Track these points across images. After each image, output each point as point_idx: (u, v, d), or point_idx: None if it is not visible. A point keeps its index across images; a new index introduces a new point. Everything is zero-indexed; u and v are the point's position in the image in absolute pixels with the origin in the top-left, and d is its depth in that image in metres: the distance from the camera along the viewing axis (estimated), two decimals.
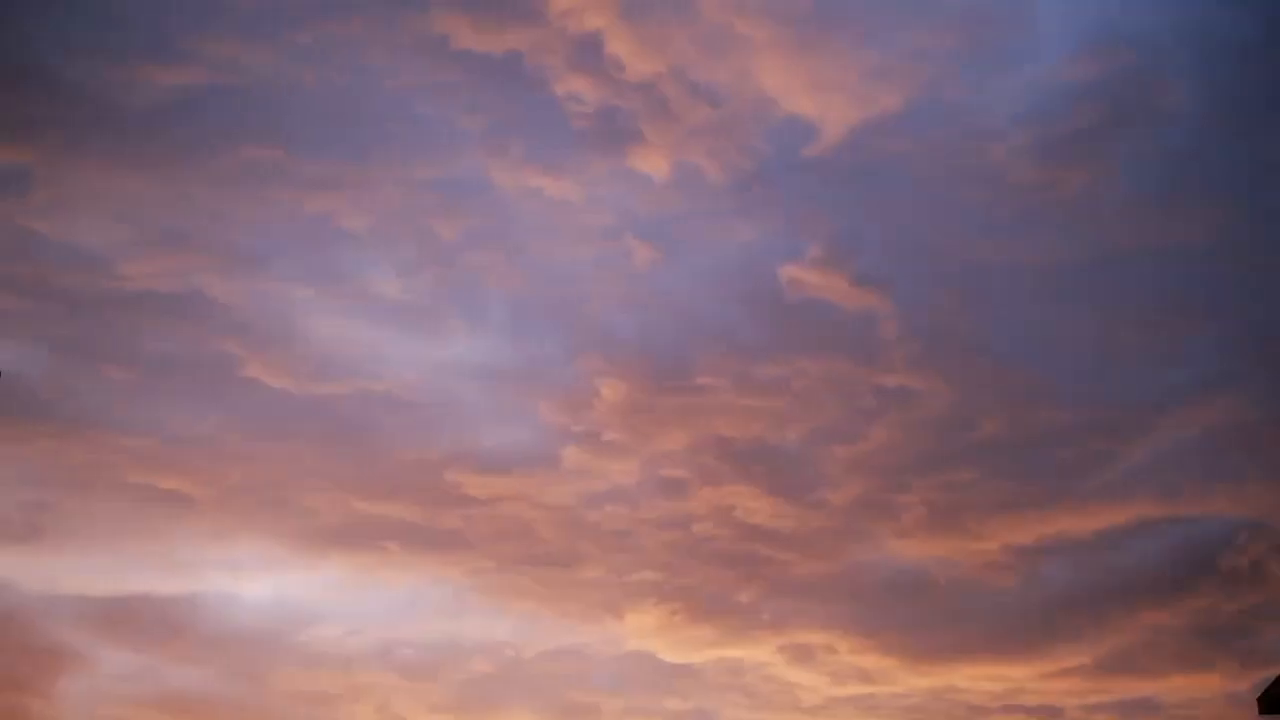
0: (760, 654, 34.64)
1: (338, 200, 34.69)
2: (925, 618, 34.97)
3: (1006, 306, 35.68)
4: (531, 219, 35.89)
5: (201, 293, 34.31)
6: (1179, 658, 33.38)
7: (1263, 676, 18.05)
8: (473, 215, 35.71)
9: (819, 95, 34.43)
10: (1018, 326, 35.56)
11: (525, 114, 35.07)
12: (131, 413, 34.08)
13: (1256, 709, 17.81)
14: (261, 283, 34.95)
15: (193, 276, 34.26)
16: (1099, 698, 33.40)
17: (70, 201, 33.45)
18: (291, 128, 34.43)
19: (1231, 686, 32.24)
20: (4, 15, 31.86)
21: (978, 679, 33.93)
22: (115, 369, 34.21)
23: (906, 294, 35.43)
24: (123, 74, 32.63)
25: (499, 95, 34.70)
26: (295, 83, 33.88)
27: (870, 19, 34.18)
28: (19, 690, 31.48)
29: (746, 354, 35.37)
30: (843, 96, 34.38)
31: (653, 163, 34.91)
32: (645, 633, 34.92)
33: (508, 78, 34.22)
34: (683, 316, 35.82)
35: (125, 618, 33.33)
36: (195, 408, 34.73)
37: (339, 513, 34.76)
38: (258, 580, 34.65)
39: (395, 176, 35.02)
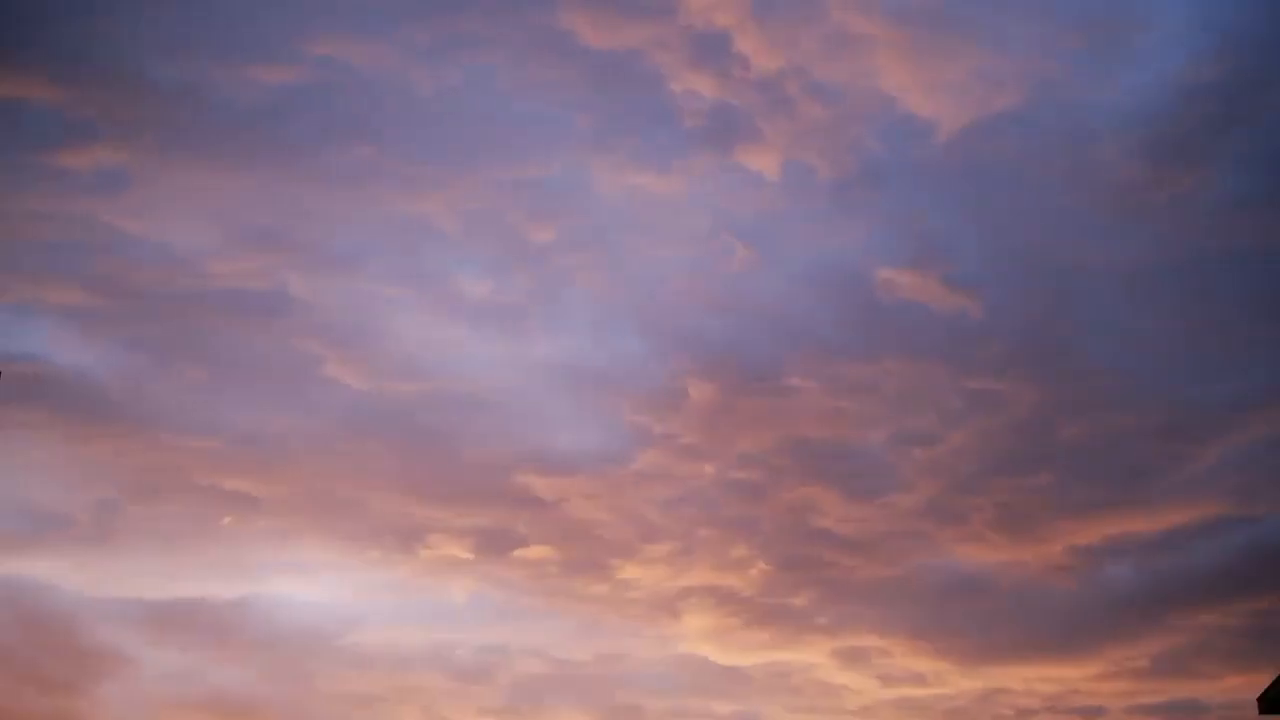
0: (812, 657, 34.58)
1: (432, 200, 34.80)
2: (983, 620, 34.82)
3: (1097, 309, 35.22)
4: (628, 219, 35.89)
5: (286, 292, 34.49)
6: (1232, 659, 33.04)
7: None
8: (568, 215, 35.73)
9: (935, 95, 34.36)
10: (1106, 329, 35.11)
11: (635, 112, 35.17)
12: (204, 414, 34.22)
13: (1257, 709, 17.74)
14: (349, 282, 35.14)
15: (279, 275, 34.45)
16: (1148, 699, 33.11)
17: (163, 201, 33.79)
18: (391, 127, 34.66)
19: None
20: (104, 18, 32.19)
21: (1031, 680, 33.83)
22: (192, 369, 34.55)
23: (998, 297, 35.15)
24: (224, 74, 33.21)
25: (610, 93, 34.81)
26: (401, 82, 34.17)
27: (990, 20, 33.81)
28: (66, 692, 31.60)
29: (837, 355, 35.25)
30: (958, 97, 34.28)
31: (764, 161, 34.94)
32: (700, 636, 34.89)
33: (622, 75, 34.28)
34: (775, 317, 35.66)
35: (176, 620, 33.40)
36: (271, 407, 34.86)
37: (401, 515, 34.86)
38: (311, 582, 34.74)
39: (492, 177, 35.20)
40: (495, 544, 34.76)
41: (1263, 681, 17.59)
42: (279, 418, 34.48)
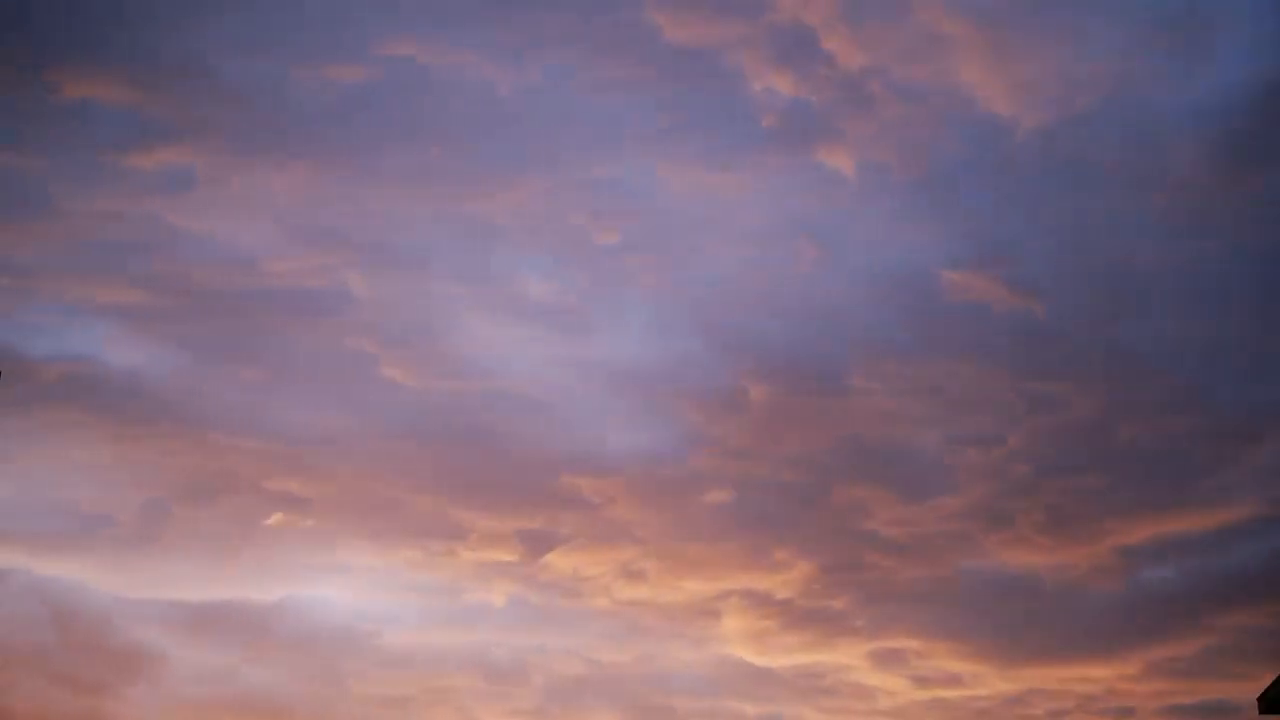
0: (847, 658, 34.49)
1: (498, 200, 34.95)
2: (1023, 622, 34.63)
3: (1161, 311, 34.83)
4: (694, 218, 35.87)
5: (346, 291, 34.68)
6: (1268, 660, 32.44)
7: None
8: (633, 215, 35.68)
9: (1014, 96, 34.25)
10: (1169, 331, 34.71)
11: (710, 109, 35.12)
12: (255, 414, 34.25)
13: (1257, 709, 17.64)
14: (410, 282, 35.24)
15: (338, 274, 34.67)
16: (1181, 699, 32.92)
17: (227, 201, 33.99)
18: (462, 127, 34.82)
19: None
20: (177, 20, 32.69)
21: (1067, 681, 33.74)
22: (246, 369, 34.68)
23: (1062, 299, 35.00)
24: (295, 75, 33.57)
25: (686, 90, 34.76)
26: (477, 81, 34.36)
27: (1073, 21, 33.78)
28: (99, 693, 31.76)
29: (899, 356, 35.05)
30: (1037, 98, 34.16)
31: (840, 160, 34.90)
32: (737, 637, 34.85)
33: (700, 73, 34.24)
34: (838, 318, 35.41)
35: (213, 621, 33.53)
36: (323, 408, 34.90)
37: (444, 516, 34.86)
38: (350, 583, 34.76)
39: (560, 176, 35.25)
40: (538, 545, 34.74)
41: None
42: (331, 418, 34.62)
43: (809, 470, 35.28)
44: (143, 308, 33.38)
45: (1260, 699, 17.51)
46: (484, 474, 34.80)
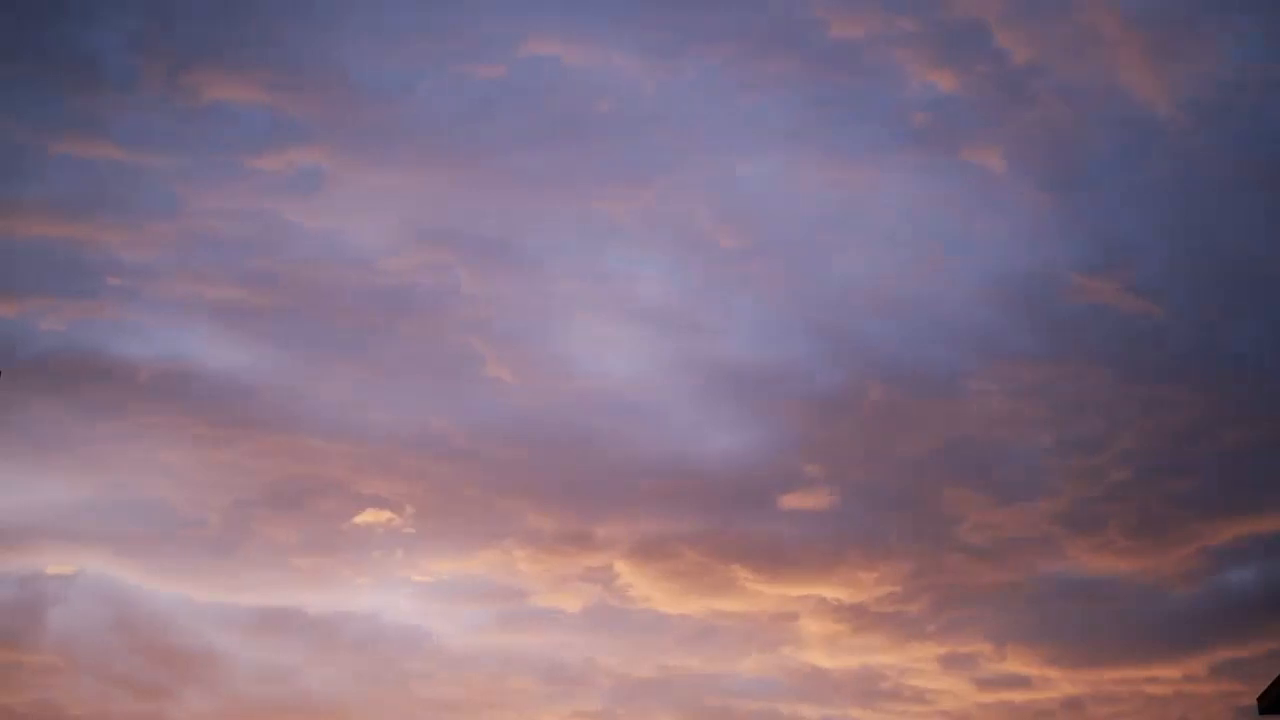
0: (914, 662, 34.17)
1: (622, 200, 35.19)
2: (1098, 624, 34.23)
3: (1274, 313, 34.23)
4: (821, 220, 35.74)
5: (457, 290, 34.96)
6: None
7: None
8: (758, 215, 35.67)
9: (1167, 96, 34.01)
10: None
11: (859, 107, 34.92)
12: (351, 416, 34.44)
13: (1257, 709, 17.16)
14: (525, 281, 35.36)
15: (450, 273, 34.94)
16: (1245, 700, 31.37)
17: (349, 200, 34.44)
18: (598, 127, 34.98)
19: None
20: (314, 22, 33.46)
21: (1134, 682, 33.34)
22: (348, 369, 34.76)
23: (1181, 302, 34.58)
24: (430, 76, 34.21)
25: (838, 88, 34.64)
26: (621, 80, 34.56)
27: (1233, 21, 33.53)
28: (158, 697, 32.07)
29: (1017, 359, 34.69)
30: (1188, 98, 33.79)
31: (989, 159, 34.78)
32: (808, 643, 34.61)
33: (857, 71, 34.10)
34: (959, 320, 35.11)
35: (283, 625, 33.71)
36: (423, 408, 35.00)
37: (527, 518, 34.87)
38: (423, 585, 34.74)
39: (689, 176, 35.33)
40: (620, 548, 34.69)
41: None
42: (428, 418, 34.73)
43: (909, 474, 35.09)
44: (248, 307, 33.81)
45: (1260, 699, 17.34)
46: (573, 476, 34.80)
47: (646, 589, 34.48)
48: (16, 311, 32.87)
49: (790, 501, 34.54)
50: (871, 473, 35.03)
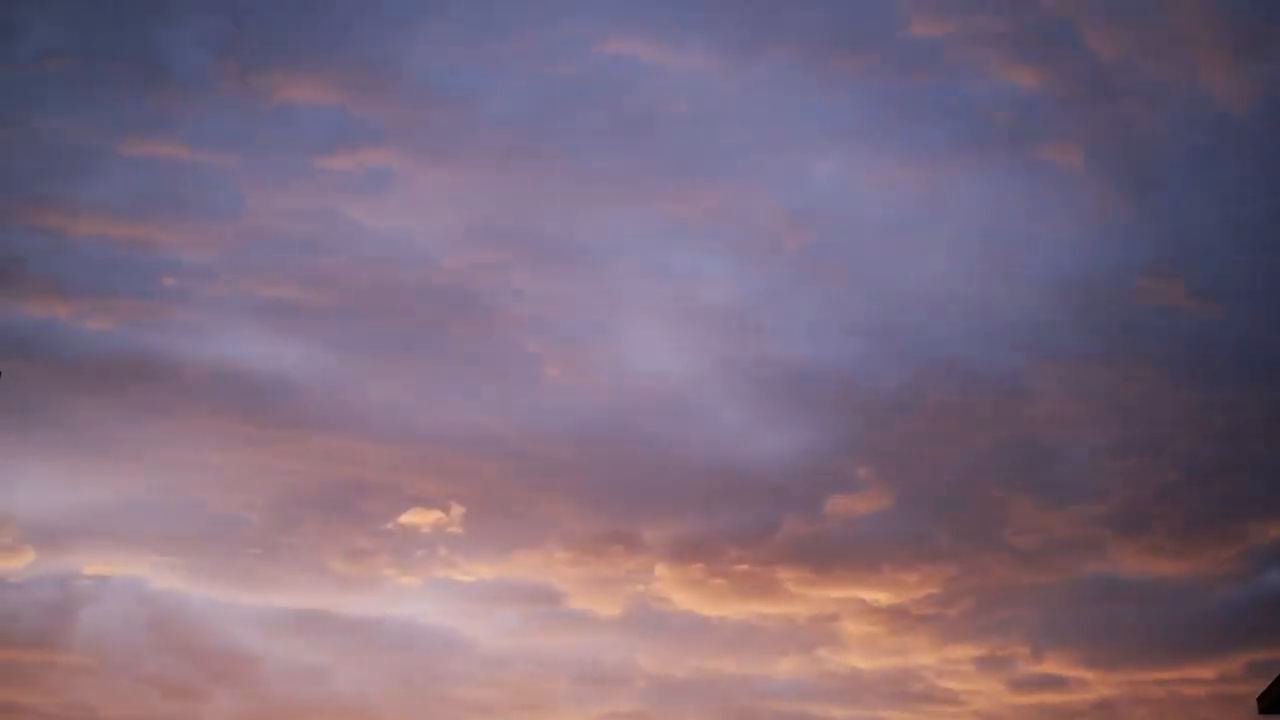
0: (949, 664, 33.94)
1: (691, 199, 35.17)
2: (1137, 625, 33.90)
3: None
4: (889, 220, 35.50)
5: (518, 290, 34.97)
6: None
7: None
8: (826, 215, 35.43)
9: (1246, 95, 33.53)
10: None
11: (936, 106, 34.74)
12: (400, 417, 34.19)
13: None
14: (587, 281, 35.30)
15: (511, 274, 34.96)
16: None
17: (414, 199, 34.46)
18: (671, 125, 34.93)
19: None
20: (383, 25, 33.56)
21: (1170, 683, 33.06)
22: (400, 369, 34.68)
23: (1244, 302, 34.09)
24: (502, 75, 34.31)
25: (917, 86, 34.57)
26: (698, 79, 34.48)
27: None
28: (193, 698, 31.87)
29: (1078, 361, 34.46)
30: (1271, 100, 33.27)
31: (1068, 157, 34.65)
32: (845, 644, 34.40)
33: (937, 69, 34.05)
34: (1022, 321, 34.72)
35: (319, 626, 33.39)
36: (475, 408, 34.76)
37: (570, 520, 34.74)
38: (461, 586, 34.43)
39: (758, 176, 35.24)
40: (664, 550, 34.48)
41: None
42: (479, 418, 34.53)
43: (961, 476, 34.80)
44: (303, 307, 33.73)
45: (1260, 699, 17.04)
46: (619, 476, 34.60)
47: (686, 591, 34.45)
48: (68, 311, 32.96)
49: (839, 504, 34.49)
50: (923, 475, 34.93)
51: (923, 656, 33.66)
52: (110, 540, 32.35)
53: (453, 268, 34.15)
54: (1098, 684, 33.01)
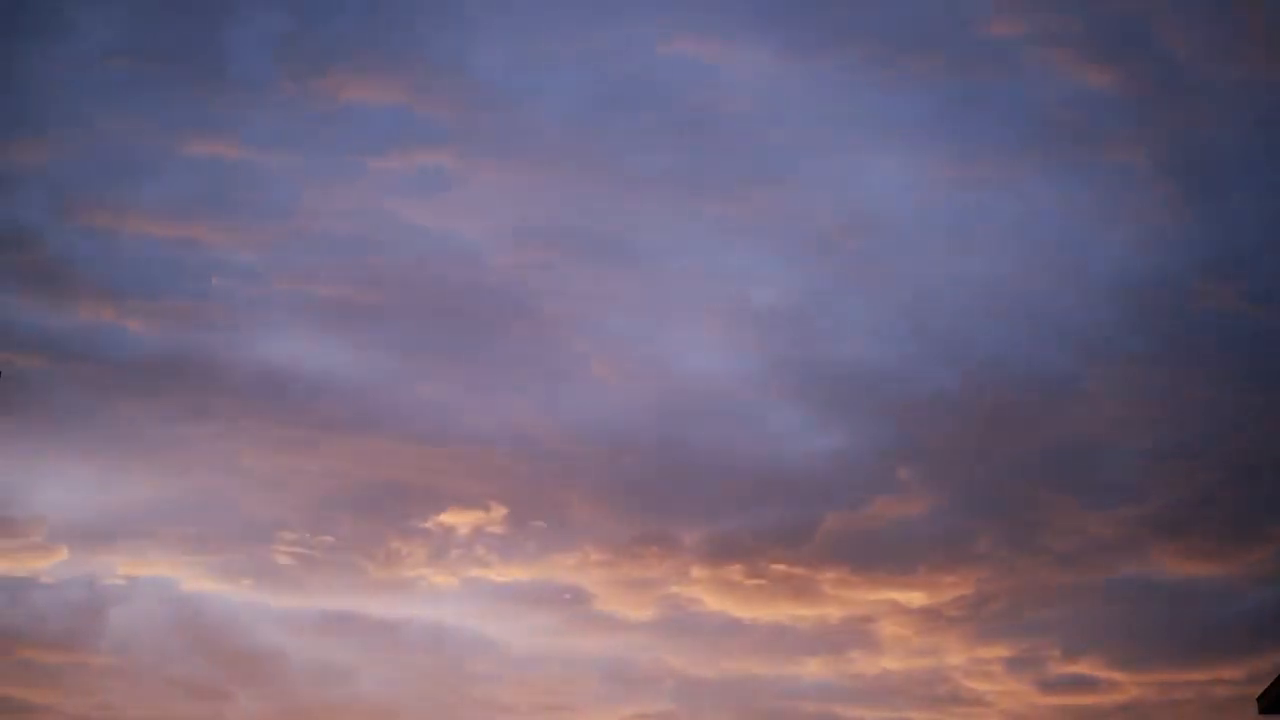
0: (978, 665, 33.93)
1: (745, 200, 35.17)
2: (1169, 626, 33.79)
3: None
4: (945, 221, 35.41)
5: (566, 289, 34.94)
6: None
7: None
8: (881, 216, 35.24)
9: None
10: None
11: (998, 105, 34.70)
12: (444, 417, 33.96)
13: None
14: (633, 280, 35.25)
15: (560, 273, 34.87)
16: None
17: (468, 199, 34.46)
18: (731, 125, 34.94)
19: None
20: (446, 26, 33.84)
21: (1198, 684, 32.90)
22: (445, 369, 34.56)
23: None
24: (559, 75, 34.51)
25: (983, 86, 34.52)
26: (760, 79, 34.51)
27: None
28: (220, 698, 31.84)
29: (1129, 364, 34.29)
30: None
31: (1133, 157, 34.44)
32: (880, 645, 34.44)
33: (1004, 68, 33.99)
34: (1074, 323, 34.74)
35: (349, 629, 33.42)
36: (520, 409, 34.70)
37: (607, 522, 34.61)
38: (494, 587, 34.35)
39: (815, 176, 35.17)
40: (701, 552, 34.35)
41: None
42: (523, 419, 34.45)
43: (1005, 478, 34.60)
44: (352, 307, 33.78)
45: (1260, 699, 17.02)
46: (659, 477, 34.44)
47: (721, 593, 34.37)
48: (113, 313, 33.05)
49: (880, 505, 34.38)
50: (967, 477, 34.76)
51: (952, 657, 33.82)
52: (143, 541, 32.36)
53: (502, 267, 34.33)
54: (1128, 685, 33.00)
